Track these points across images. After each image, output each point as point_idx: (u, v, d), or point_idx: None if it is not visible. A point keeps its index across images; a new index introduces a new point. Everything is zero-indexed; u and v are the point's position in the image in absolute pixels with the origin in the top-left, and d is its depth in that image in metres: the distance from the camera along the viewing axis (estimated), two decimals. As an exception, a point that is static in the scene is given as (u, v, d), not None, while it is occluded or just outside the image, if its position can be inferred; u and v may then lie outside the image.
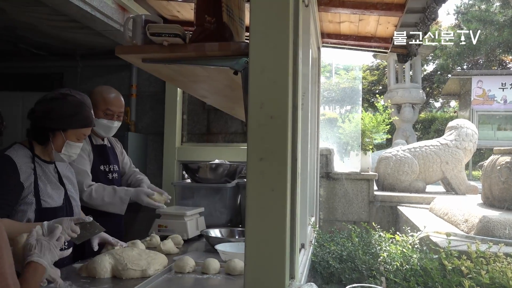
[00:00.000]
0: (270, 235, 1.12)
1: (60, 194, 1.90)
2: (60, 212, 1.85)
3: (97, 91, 2.47)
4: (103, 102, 2.42)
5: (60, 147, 1.85)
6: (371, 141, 4.95)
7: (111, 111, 2.44)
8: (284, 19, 1.15)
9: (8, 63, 4.53)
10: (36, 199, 1.78)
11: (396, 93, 11.87)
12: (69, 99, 1.84)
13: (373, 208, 4.47)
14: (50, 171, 1.91)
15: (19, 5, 2.94)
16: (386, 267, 2.45)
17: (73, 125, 1.84)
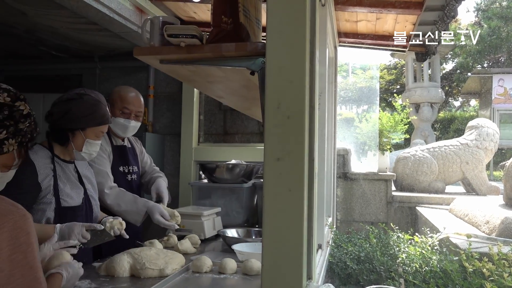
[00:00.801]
0: (287, 236, 1.12)
1: (79, 194, 1.93)
2: (79, 211, 1.88)
3: (115, 90, 2.50)
4: (119, 101, 2.44)
5: (81, 146, 1.88)
6: (389, 141, 4.90)
7: (128, 110, 2.44)
8: (301, 18, 1.14)
9: (29, 65, 4.63)
10: (56, 198, 1.81)
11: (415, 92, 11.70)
12: (85, 98, 1.88)
13: (391, 208, 4.41)
14: (70, 171, 1.94)
15: (40, 8, 3.00)
16: (405, 269, 2.42)
17: (91, 123, 1.87)
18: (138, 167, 2.63)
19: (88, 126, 1.88)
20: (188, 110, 4.12)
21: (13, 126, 1.11)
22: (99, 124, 1.90)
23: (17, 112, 1.13)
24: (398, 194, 4.66)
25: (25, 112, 1.16)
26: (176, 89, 4.24)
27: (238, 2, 1.32)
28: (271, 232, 1.12)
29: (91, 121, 1.87)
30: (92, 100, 1.89)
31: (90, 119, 1.87)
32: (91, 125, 1.88)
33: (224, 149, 4.04)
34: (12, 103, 1.12)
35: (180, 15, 3.27)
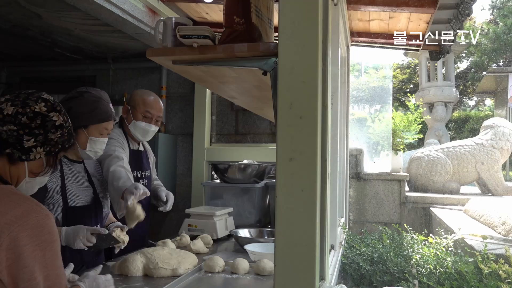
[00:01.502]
0: (300, 236, 1.11)
1: (88, 193, 1.92)
2: (87, 211, 1.88)
3: (137, 94, 2.48)
4: (142, 104, 2.42)
5: (84, 144, 1.86)
6: (402, 141, 4.85)
7: (150, 114, 2.43)
8: (313, 18, 1.14)
9: (44, 67, 4.70)
10: (63, 198, 1.81)
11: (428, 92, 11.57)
12: (86, 96, 1.87)
13: (404, 209, 4.37)
14: (79, 171, 1.94)
15: (54, 10, 3.04)
16: (419, 270, 2.39)
17: (93, 120, 1.85)
18: (150, 172, 2.63)
19: (90, 124, 1.86)
20: (200, 111, 4.14)
21: (42, 135, 1.14)
22: (101, 121, 1.88)
23: (49, 122, 1.15)
24: (412, 194, 4.61)
25: (57, 123, 1.18)
26: (189, 89, 4.27)
27: (250, 3, 1.32)
28: (284, 232, 1.12)
29: (93, 118, 1.85)
30: (92, 97, 1.88)
31: (91, 116, 1.85)
32: (93, 122, 1.86)
33: (236, 149, 4.04)
34: (46, 113, 1.15)
35: (192, 16, 3.28)
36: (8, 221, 0.97)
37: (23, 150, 1.11)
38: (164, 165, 3.96)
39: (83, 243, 1.67)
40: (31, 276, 0.98)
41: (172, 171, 4.18)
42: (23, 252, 0.97)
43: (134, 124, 2.40)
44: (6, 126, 1.09)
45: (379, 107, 5.94)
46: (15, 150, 1.11)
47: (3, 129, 1.09)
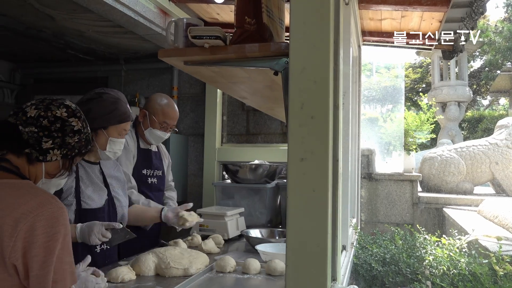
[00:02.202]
0: (311, 236, 1.11)
1: (102, 195, 1.92)
2: (100, 213, 1.88)
3: (157, 102, 2.48)
4: (161, 114, 2.45)
5: (104, 145, 1.88)
6: (415, 141, 4.80)
7: (167, 124, 2.48)
8: (324, 18, 1.13)
9: (57, 68, 4.76)
10: (77, 200, 1.81)
11: (441, 91, 11.43)
12: (104, 97, 1.88)
13: (417, 210, 4.33)
14: (95, 172, 1.94)
15: (67, 12, 3.08)
16: (432, 271, 2.37)
17: (112, 121, 1.87)
18: (163, 172, 2.64)
19: (110, 125, 1.87)
20: (211, 111, 4.15)
21: (60, 138, 1.20)
22: (120, 122, 1.90)
23: (68, 126, 1.22)
24: (425, 195, 4.57)
25: (76, 128, 1.24)
26: (200, 90, 4.28)
27: (261, 3, 1.32)
28: (295, 232, 1.12)
29: (112, 119, 1.87)
30: (111, 98, 1.89)
31: (111, 117, 1.87)
32: (112, 123, 1.88)
33: (247, 150, 4.04)
34: (66, 118, 1.22)
35: (203, 17, 3.29)
36: (25, 211, 1.03)
37: (41, 151, 1.17)
38: (176, 166, 3.98)
39: (98, 239, 1.69)
40: (41, 265, 1.02)
41: (184, 171, 4.20)
42: (37, 241, 1.02)
43: (150, 130, 2.44)
44: (28, 127, 1.16)
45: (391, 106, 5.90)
46: (33, 150, 1.17)
47: (25, 130, 1.15)
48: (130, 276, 1.67)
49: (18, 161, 1.17)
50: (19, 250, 1.01)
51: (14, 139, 1.15)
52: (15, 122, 1.16)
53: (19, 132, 1.15)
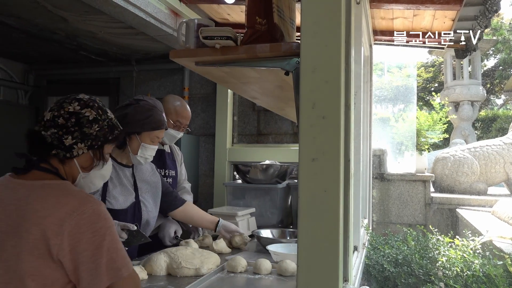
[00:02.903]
0: (323, 237, 1.10)
1: (128, 198, 1.95)
2: (122, 215, 1.90)
3: (170, 102, 2.54)
4: (175, 114, 2.50)
5: (136, 150, 1.94)
6: (427, 141, 4.75)
7: (180, 123, 2.53)
8: (335, 17, 1.13)
9: (70, 69, 4.81)
10: (102, 199, 1.85)
11: (454, 90, 11.30)
12: (141, 103, 1.94)
13: (430, 210, 4.29)
14: (126, 174, 1.98)
15: (80, 14, 3.11)
16: (445, 273, 2.34)
17: (146, 127, 1.92)
18: (176, 173, 2.67)
19: (143, 130, 1.93)
20: (222, 111, 4.16)
21: (78, 131, 1.22)
22: (153, 129, 1.95)
23: (83, 118, 1.23)
24: (437, 195, 4.52)
25: (91, 117, 1.24)
26: (210, 90, 4.29)
27: (272, 3, 1.32)
28: (307, 233, 1.11)
29: (146, 125, 1.92)
30: (147, 105, 1.94)
31: (145, 123, 1.92)
32: (146, 129, 1.93)
33: (257, 150, 4.04)
34: (79, 111, 1.23)
35: (214, 17, 3.30)
36: (68, 210, 1.08)
37: (65, 148, 1.20)
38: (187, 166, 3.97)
39: None
40: (91, 259, 1.08)
41: (195, 172, 4.21)
42: (83, 238, 1.07)
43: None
44: (48, 130, 1.20)
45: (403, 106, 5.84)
46: (59, 150, 1.20)
47: (47, 133, 1.19)
48: (142, 276, 1.69)
49: (55, 163, 1.23)
50: (66, 248, 1.06)
51: (40, 145, 1.20)
52: (38, 129, 1.20)
53: (43, 137, 1.19)
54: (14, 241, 1.07)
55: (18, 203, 1.11)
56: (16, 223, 1.08)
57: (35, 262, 1.06)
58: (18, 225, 1.08)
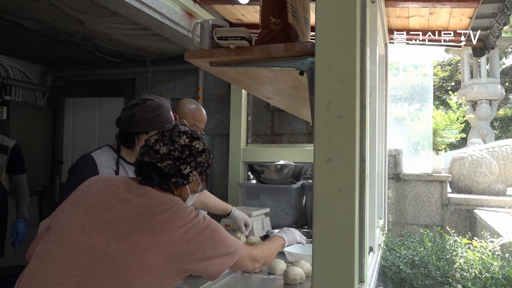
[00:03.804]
0: (338, 237, 1.10)
1: None
2: None
3: (187, 105, 2.55)
4: (191, 117, 2.51)
5: None
6: (444, 141, 4.68)
7: (197, 127, 2.53)
8: (350, 16, 1.12)
9: (87, 71, 4.88)
10: None
11: (471, 89, 11.11)
12: (149, 103, 1.94)
13: (447, 211, 4.22)
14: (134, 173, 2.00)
15: (96, 16, 3.15)
16: (463, 275, 2.30)
17: (154, 127, 1.91)
18: None
19: (151, 130, 1.91)
20: (236, 111, 4.16)
21: (193, 161, 1.38)
22: (161, 128, 1.95)
23: (194, 149, 1.38)
24: (455, 196, 4.45)
25: (200, 148, 1.40)
26: (225, 90, 4.30)
27: (287, 3, 1.31)
28: (322, 234, 1.11)
29: (154, 124, 1.92)
30: (155, 104, 1.95)
31: (153, 123, 1.92)
32: (154, 128, 1.91)
33: (272, 150, 4.04)
34: (190, 143, 1.38)
35: (228, 18, 3.30)
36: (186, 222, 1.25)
37: (183, 177, 1.36)
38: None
39: None
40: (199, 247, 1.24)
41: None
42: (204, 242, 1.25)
43: None
44: (164, 162, 1.34)
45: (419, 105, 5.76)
46: (178, 178, 1.35)
47: (163, 165, 1.33)
48: None
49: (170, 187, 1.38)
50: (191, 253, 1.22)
51: (157, 175, 1.34)
52: (151, 160, 1.34)
53: (159, 168, 1.33)
54: (144, 238, 1.18)
55: (149, 209, 1.24)
56: (146, 223, 1.20)
57: (160, 261, 1.17)
58: (149, 225, 1.20)
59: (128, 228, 1.20)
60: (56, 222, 1.27)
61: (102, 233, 1.20)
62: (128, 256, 1.16)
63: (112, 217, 1.23)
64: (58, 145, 4.93)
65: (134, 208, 1.24)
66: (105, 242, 1.18)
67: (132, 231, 1.20)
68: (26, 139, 4.17)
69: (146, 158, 1.35)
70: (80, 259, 1.16)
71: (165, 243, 1.19)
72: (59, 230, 1.23)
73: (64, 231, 1.22)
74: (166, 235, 1.20)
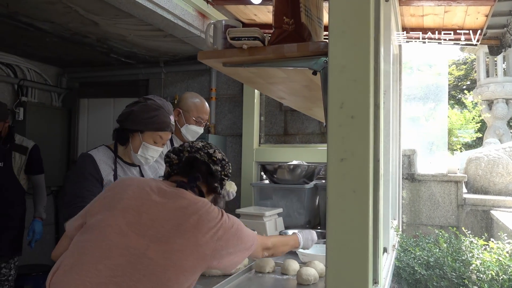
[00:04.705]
0: (352, 238, 1.09)
1: None
2: None
3: (189, 98, 2.57)
4: (195, 110, 2.54)
5: (137, 148, 1.92)
6: (459, 140, 4.62)
7: (201, 119, 2.56)
8: (364, 15, 1.11)
9: (101, 72, 4.93)
10: None
11: (487, 88, 10.94)
12: (149, 103, 1.93)
13: (462, 212, 4.17)
14: (133, 173, 1.99)
15: (110, 17, 3.18)
16: (480, 276, 2.27)
17: (149, 127, 1.91)
18: None
19: (146, 129, 1.91)
20: (249, 112, 4.16)
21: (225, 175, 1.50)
22: (157, 130, 1.92)
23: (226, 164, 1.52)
24: (471, 196, 4.38)
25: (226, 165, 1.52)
26: (237, 91, 4.31)
27: (300, 2, 1.31)
28: (336, 234, 1.10)
29: (150, 125, 1.91)
30: (154, 105, 1.93)
31: (149, 122, 1.90)
32: (149, 128, 1.91)
33: (285, 150, 4.03)
34: (224, 158, 1.51)
35: (241, 18, 3.31)
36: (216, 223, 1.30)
37: (221, 185, 1.49)
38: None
39: None
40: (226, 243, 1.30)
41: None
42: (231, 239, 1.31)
43: (187, 127, 2.51)
44: (215, 166, 1.45)
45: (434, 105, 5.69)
46: (218, 184, 1.47)
47: (214, 168, 1.45)
48: None
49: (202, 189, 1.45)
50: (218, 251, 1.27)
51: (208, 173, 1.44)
52: (204, 160, 1.44)
53: (212, 170, 1.44)
54: (180, 240, 1.22)
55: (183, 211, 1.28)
56: (182, 226, 1.24)
57: (194, 261, 1.22)
58: (184, 228, 1.24)
59: (166, 231, 1.23)
60: (92, 222, 1.28)
61: (140, 235, 1.22)
62: (166, 259, 1.19)
63: (148, 220, 1.25)
64: (73, 146, 5.00)
65: (170, 210, 1.27)
66: (144, 244, 1.21)
67: (169, 233, 1.23)
68: (42, 140, 4.23)
69: (197, 155, 1.44)
70: (118, 261, 1.18)
71: (198, 245, 1.23)
72: (96, 230, 1.25)
73: (101, 231, 1.23)
74: (200, 236, 1.24)
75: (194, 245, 1.22)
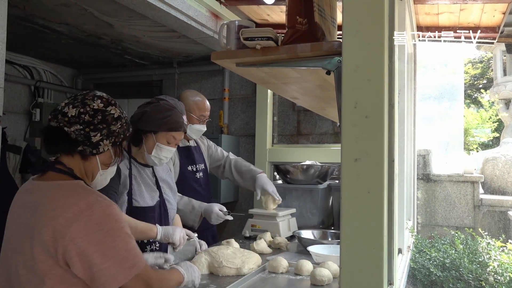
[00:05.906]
0: (366, 239, 1.08)
1: (153, 196, 1.96)
2: (151, 212, 1.92)
3: (189, 98, 2.57)
4: (197, 109, 2.55)
5: (151, 149, 1.91)
6: (475, 140, 4.55)
7: (204, 117, 2.58)
8: (378, 14, 1.10)
9: (116, 73, 4.99)
10: (128, 198, 1.86)
11: (504, 87, 10.71)
12: (162, 103, 1.93)
13: (479, 213, 4.10)
14: (147, 174, 1.99)
15: (124, 19, 3.22)
16: (497, 278, 2.23)
17: (163, 127, 1.90)
18: (204, 165, 2.70)
19: (159, 130, 1.90)
20: (262, 112, 4.16)
21: (105, 129, 1.24)
22: (170, 130, 1.91)
23: (109, 116, 1.25)
24: (487, 197, 4.31)
25: (116, 115, 1.28)
26: (250, 91, 4.32)
27: (313, 2, 1.30)
28: (350, 235, 1.09)
29: (163, 125, 1.90)
30: (167, 105, 1.93)
31: (162, 123, 1.89)
32: (163, 129, 1.90)
33: (298, 150, 4.02)
34: (104, 108, 1.25)
35: (254, 18, 3.31)
36: (76, 211, 1.10)
37: (92, 145, 1.22)
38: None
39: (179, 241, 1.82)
40: (103, 259, 1.08)
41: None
42: (93, 239, 1.08)
43: (190, 127, 2.51)
44: (72, 127, 1.20)
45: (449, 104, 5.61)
46: (85, 146, 1.22)
47: (71, 130, 1.20)
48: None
49: (72, 162, 1.24)
50: (73, 249, 1.07)
51: (63, 141, 1.20)
52: (57, 125, 1.20)
53: (66, 133, 1.20)
54: (30, 242, 1.10)
55: (33, 205, 1.15)
56: (31, 224, 1.12)
57: (49, 261, 1.08)
58: (32, 226, 1.11)
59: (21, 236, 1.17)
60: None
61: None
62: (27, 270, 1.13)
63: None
64: (89, 146, 5.05)
65: (24, 211, 1.19)
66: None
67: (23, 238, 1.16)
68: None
69: (53, 122, 1.21)
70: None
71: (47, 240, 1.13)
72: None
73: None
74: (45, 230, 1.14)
75: None
